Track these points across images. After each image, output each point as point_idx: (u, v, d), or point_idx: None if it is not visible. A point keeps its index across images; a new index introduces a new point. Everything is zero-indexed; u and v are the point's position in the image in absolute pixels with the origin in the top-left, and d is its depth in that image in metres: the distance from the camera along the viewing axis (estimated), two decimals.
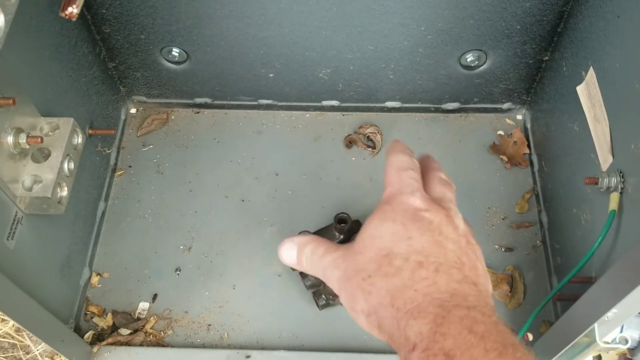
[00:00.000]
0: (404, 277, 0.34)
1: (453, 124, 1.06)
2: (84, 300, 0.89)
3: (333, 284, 0.38)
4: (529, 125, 1.03)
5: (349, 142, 1.04)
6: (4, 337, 0.96)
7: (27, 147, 0.66)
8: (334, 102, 1.04)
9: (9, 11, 0.47)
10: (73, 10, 0.48)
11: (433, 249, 0.35)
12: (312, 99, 1.04)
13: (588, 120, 0.75)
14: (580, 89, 0.77)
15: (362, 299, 0.35)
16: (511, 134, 1.03)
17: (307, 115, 1.07)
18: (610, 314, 0.55)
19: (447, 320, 0.32)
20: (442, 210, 0.38)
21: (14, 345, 0.96)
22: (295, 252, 0.41)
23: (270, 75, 0.97)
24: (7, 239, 0.66)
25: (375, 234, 0.37)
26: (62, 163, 0.70)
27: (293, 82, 0.99)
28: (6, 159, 0.64)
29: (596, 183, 0.67)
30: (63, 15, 0.49)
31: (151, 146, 1.03)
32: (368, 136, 1.04)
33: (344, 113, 1.07)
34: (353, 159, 1.03)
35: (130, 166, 1.01)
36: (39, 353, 0.95)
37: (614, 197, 0.65)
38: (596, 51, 0.74)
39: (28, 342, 0.96)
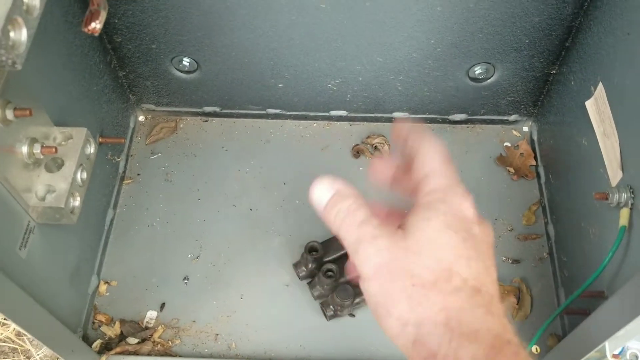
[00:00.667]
0: (462, 299, 0.33)
1: (460, 135, 1.06)
2: (91, 308, 0.89)
3: (365, 266, 0.35)
4: (535, 137, 1.03)
5: (357, 152, 1.04)
6: (4, 342, 0.96)
7: (41, 157, 0.67)
8: (342, 112, 1.05)
9: (31, 25, 0.48)
10: (96, 25, 0.48)
11: (486, 277, 0.34)
12: (320, 109, 1.04)
13: (597, 135, 0.75)
14: (589, 104, 0.78)
15: (405, 305, 0.33)
16: (518, 145, 1.03)
17: (315, 124, 1.07)
18: (622, 330, 0.55)
19: (502, 353, 0.31)
20: (486, 226, 0.36)
21: (14, 350, 0.96)
22: (328, 198, 0.37)
23: (280, 85, 0.98)
24: (20, 249, 0.66)
25: (437, 240, 0.34)
26: (75, 173, 0.70)
27: (302, 92, 0.99)
28: (20, 168, 0.64)
29: (606, 198, 0.68)
30: (86, 30, 0.50)
31: (160, 154, 1.04)
32: (375, 146, 1.05)
33: (351, 123, 1.07)
34: (360, 168, 1.03)
35: (138, 174, 1.02)
36: (40, 358, 0.95)
37: (624, 213, 0.66)
38: (605, 67, 0.75)
39: (29, 346, 0.96)
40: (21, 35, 0.46)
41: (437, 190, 0.36)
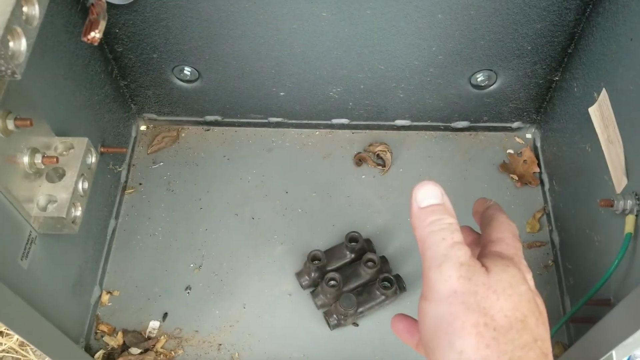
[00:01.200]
0: (530, 356, 0.32)
1: (462, 142, 1.06)
2: (94, 319, 0.88)
3: (440, 285, 0.33)
4: (538, 144, 1.03)
5: (359, 160, 1.04)
6: (7, 352, 0.96)
7: (43, 167, 0.66)
8: (344, 120, 1.05)
9: (30, 35, 0.48)
10: (96, 35, 0.48)
11: (549, 345, 0.34)
12: (322, 117, 1.04)
13: (601, 141, 0.75)
14: (592, 110, 0.78)
15: (473, 342, 0.32)
16: (521, 152, 1.03)
17: (317, 133, 1.07)
18: (629, 339, 0.55)
19: None
20: (538, 297, 0.36)
21: None
22: (432, 202, 0.36)
23: (281, 93, 0.98)
24: (22, 259, 0.66)
25: (516, 288, 0.34)
26: (76, 183, 0.70)
27: (303, 100, 0.99)
28: (21, 179, 0.64)
29: (611, 205, 0.67)
30: (85, 39, 0.50)
31: (161, 164, 1.04)
32: (378, 154, 1.04)
33: (353, 131, 1.07)
34: (363, 177, 1.03)
35: (140, 184, 1.02)
36: None
37: (630, 220, 0.65)
38: (608, 73, 0.74)
39: (32, 356, 0.95)
40: (20, 45, 0.46)
41: (506, 253, 0.37)
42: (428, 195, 0.37)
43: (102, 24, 0.50)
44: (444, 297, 0.33)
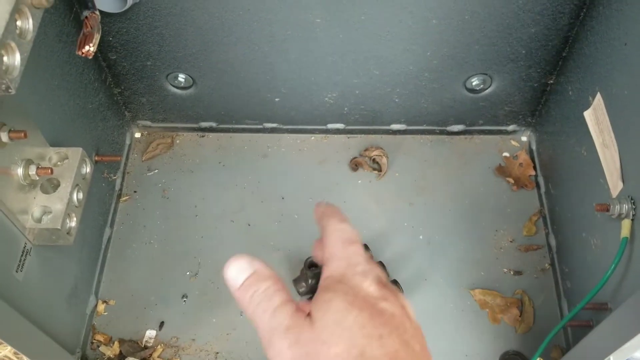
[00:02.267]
0: None
1: (458, 145, 1.06)
2: (90, 328, 0.88)
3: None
4: (534, 147, 1.03)
5: (355, 165, 1.04)
6: None
7: (37, 178, 0.66)
8: (340, 125, 1.04)
9: (24, 49, 0.47)
10: (90, 48, 0.48)
11: (404, 353, 0.32)
12: (317, 122, 1.04)
13: (596, 145, 0.75)
14: (587, 114, 0.78)
15: None
16: (517, 155, 1.03)
17: (313, 138, 1.07)
18: (627, 343, 0.55)
19: None
20: (395, 299, 0.34)
21: None
22: (245, 277, 0.35)
23: (276, 99, 0.97)
24: (17, 271, 0.65)
25: (343, 323, 0.32)
26: (71, 194, 0.69)
27: (299, 106, 0.99)
28: (16, 190, 0.64)
29: (607, 210, 0.67)
30: (80, 53, 0.49)
31: (156, 171, 1.03)
32: (374, 159, 1.04)
33: (349, 136, 1.07)
34: (359, 181, 1.03)
35: (135, 191, 1.01)
36: None
37: (626, 224, 0.65)
38: (603, 77, 0.74)
39: None
40: (15, 59, 0.46)
41: (335, 273, 0.35)
42: (237, 272, 0.35)
43: (97, 37, 0.50)
44: None
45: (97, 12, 0.52)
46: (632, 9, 0.67)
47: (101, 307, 0.90)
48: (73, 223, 0.70)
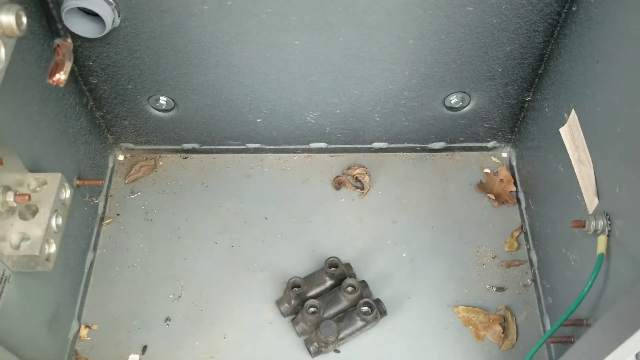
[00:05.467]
0: None
1: (440, 162, 1.07)
2: (72, 354, 0.87)
3: None
4: (514, 163, 1.04)
5: (338, 184, 1.04)
6: None
7: (15, 205, 0.66)
8: (322, 145, 1.05)
9: None
10: (61, 76, 0.48)
11: None
12: (299, 142, 1.04)
13: (572, 161, 0.76)
14: (563, 131, 0.79)
15: None
16: (497, 171, 1.04)
17: (295, 157, 1.07)
18: (607, 358, 0.55)
19: None
20: None
21: None
22: None
23: (258, 120, 0.98)
24: None
25: None
26: (50, 219, 0.69)
27: (280, 126, 1.00)
28: None
29: (583, 226, 0.68)
30: (50, 81, 0.49)
31: (139, 193, 1.03)
32: (356, 177, 1.05)
33: (331, 154, 1.07)
34: (342, 200, 1.03)
35: (118, 214, 1.01)
36: None
37: (602, 240, 0.66)
38: (577, 94, 0.75)
39: None
40: None
41: None
42: None
43: (68, 66, 0.50)
44: None
45: (69, 40, 0.52)
46: (602, 27, 0.68)
47: (84, 331, 0.90)
48: (52, 249, 0.70)
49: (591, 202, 0.70)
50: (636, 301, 0.50)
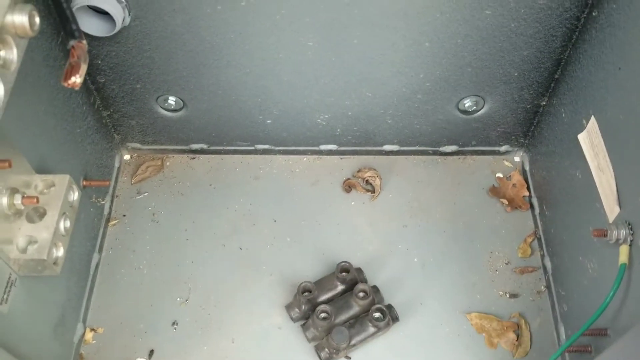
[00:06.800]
0: None
1: (451, 166, 1.05)
2: (77, 357, 0.86)
3: None
4: (527, 168, 1.02)
5: (348, 186, 1.03)
6: None
7: (22, 207, 0.64)
8: (332, 146, 1.03)
9: (8, 80, 0.46)
10: (76, 79, 0.47)
11: None
12: (309, 144, 1.03)
13: (591, 169, 0.74)
14: (582, 137, 0.77)
15: None
16: (510, 176, 1.02)
17: (305, 159, 1.06)
18: None
19: None
20: None
21: None
22: None
23: (268, 121, 0.96)
24: (1, 304, 0.63)
25: None
26: (57, 222, 0.67)
27: (291, 127, 0.98)
28: (0, 220, 0.62)
29: (605, 235, 0.67)
30: (66, 84, 0.48)
31: (146, 194, 1.01)
32: (367, 180, 1.03)
33: (342, 157, 1.06)
34: (352, 203, 1.01)
35: (124, 215, 0.99)
36: None
37: (624, 250, 0.64)
38: (597, 101, 0.74)
39: None
40: None
41: None
42: None
43: (84, 68, 0.49)
44: None
45: (84, 42, 0.51)
46: (625, 33, 0.67)
47: (89, 335, 0.88)
48: (60, 253, 0.69)
49: (612, 210, 0.68)
50: None
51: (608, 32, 0.71)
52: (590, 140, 0.75)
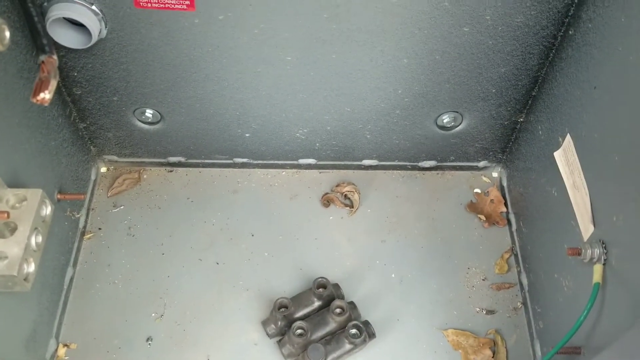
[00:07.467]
0: None
1: (430, 181, 1.05)
2: None
3: None
4: (505, 184, 1.03)
5: (326, 201, 1.02)
6: None
7: None
8: (311, 161, 1.03)
9: None
10: (45, 95, 0.46)
11: None
12: (288, 157, 1.02)
13: (567, 187, 0.75)
14: (557, 155, 0.78)
15: None
16: (488, 192, 1.03)
17: (284, 173, 1.05)
18: None
19: None
20: None
21: None
22: None
23: (247, 135, 0.96)
24: None
25: None
26: (29, 238, 0.66)
27: (269, 141, 0.98)
28: None
29: (579, 254, 0.67)
30: (34, 100, 0.47)
31: (122, 207, 1.00)
32: (345, 194, 1.03)
33: (321, 171, 1.06)
34: (331, 217, 1.01)
35: (100, 228, 0.98)
36: None
37: (598, 269, 0.65)
38: (573, 118, 0.75)
39: None
40: None
41: None
42: None
43: (53, 84, 0.48)
44: None
45: (55, 57, 0.50)
46: (601, 53, 0.67)
47: (62, 351, 0.86)
48: (31, 268, 0.67)
49: (586, 229, 0.69)
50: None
51: (584, 51, 0.72)
52: (565, 158, 0.76)
